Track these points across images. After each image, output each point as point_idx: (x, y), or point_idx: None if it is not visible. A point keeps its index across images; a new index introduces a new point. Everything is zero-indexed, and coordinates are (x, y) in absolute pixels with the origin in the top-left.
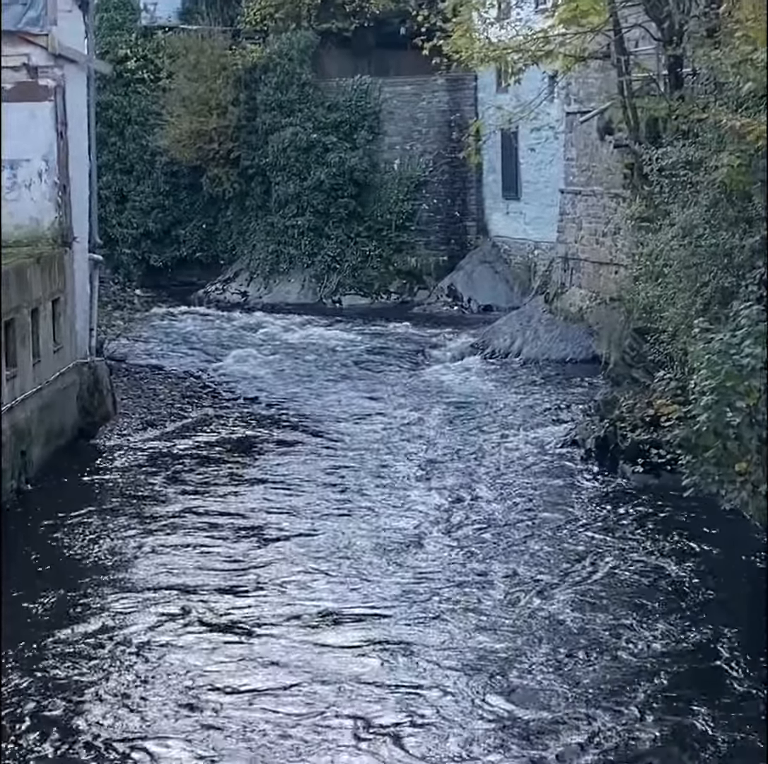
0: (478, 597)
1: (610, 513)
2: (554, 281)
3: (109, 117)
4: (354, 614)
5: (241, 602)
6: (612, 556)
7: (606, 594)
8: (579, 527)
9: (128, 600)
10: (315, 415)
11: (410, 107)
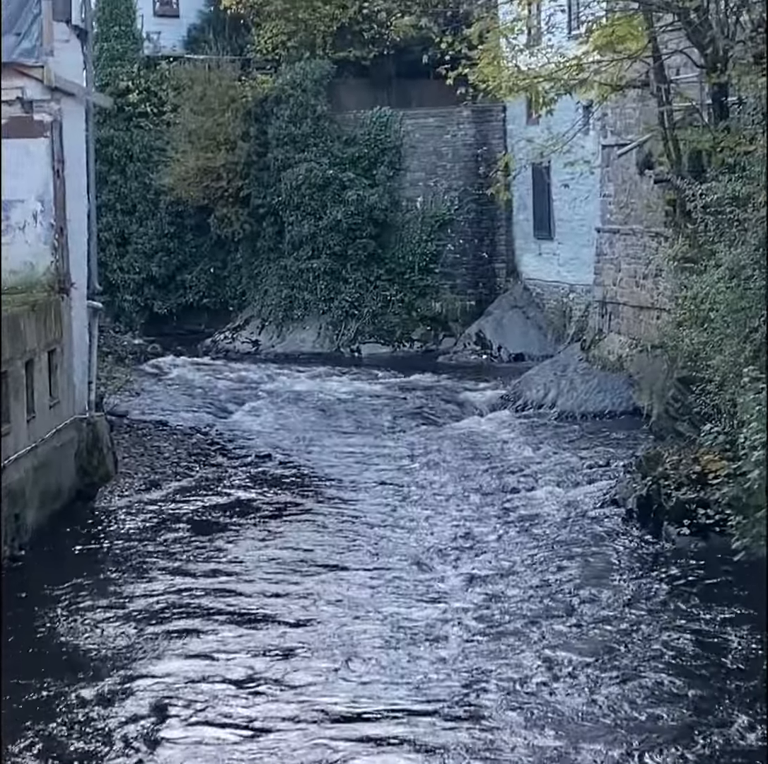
0: (508, 691)
1: (655, 580)
2: (591, 327)
3: (110, 154)
4: (366, 714)
5: (244, 697)
6: (662, 629)
7: (665, 675)
8: (622, 598)
9: (121, 689)
10: (330, 476)
11: (434, 141)
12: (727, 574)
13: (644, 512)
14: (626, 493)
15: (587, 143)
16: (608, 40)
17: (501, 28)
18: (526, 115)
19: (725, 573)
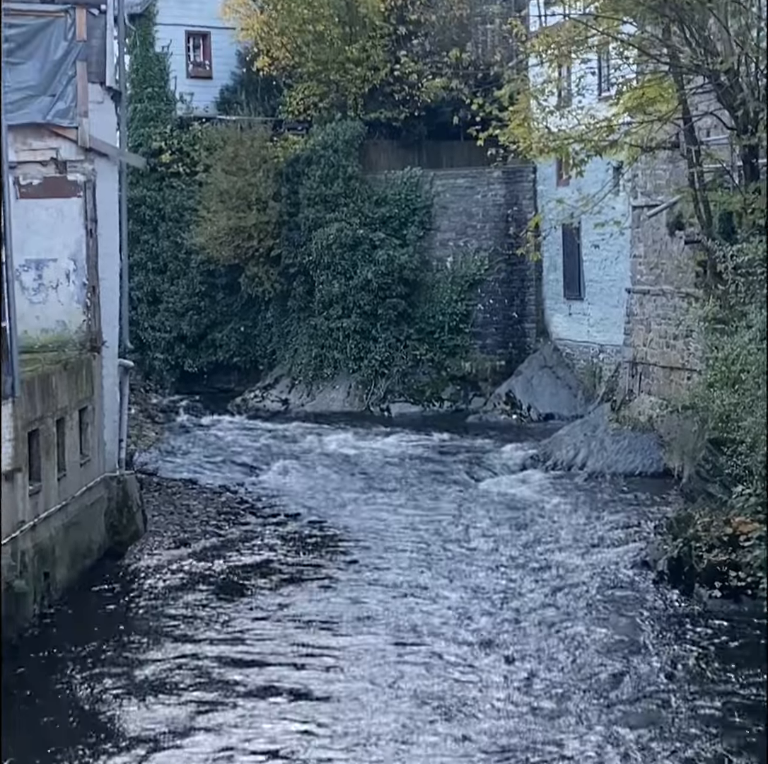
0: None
1: (687, 643)
2: (621, 388)
3: (142, 213)
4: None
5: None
6: (699, 695)
7: (717, 746)
8: (654, 662)
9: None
10: (360, 536)
11: (464, 201)
12: (759, 637)
13: (675, 574)
14: (657, 555)
15: (617, 204)
16: (638, 102)
17: (531, 90)
18: (557, 176)
19: (757, 636)
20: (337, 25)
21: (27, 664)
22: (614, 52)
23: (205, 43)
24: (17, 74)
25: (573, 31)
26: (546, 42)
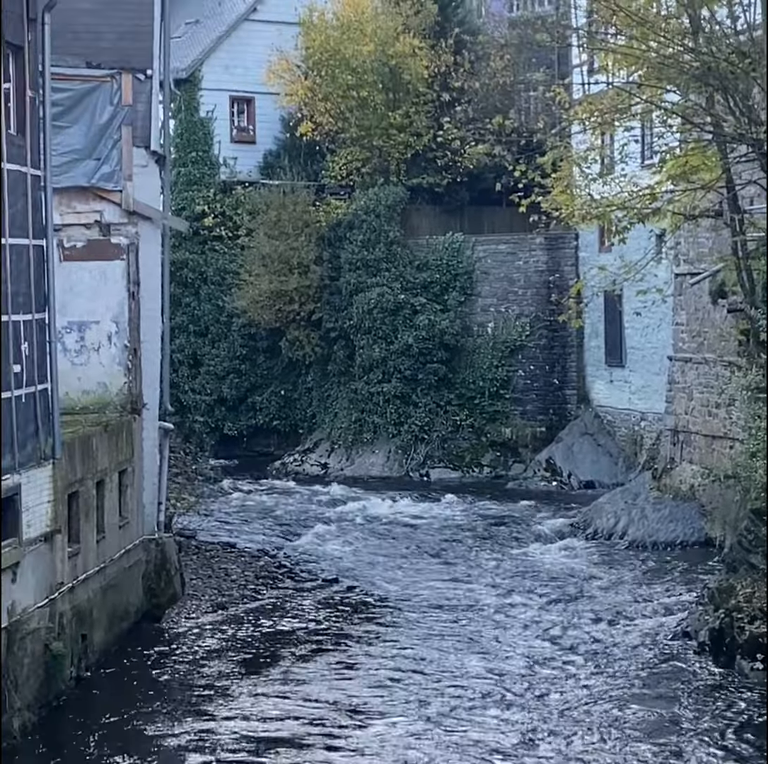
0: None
1: (726, 718)
2: (662, 456)
3: (184, 276)
4: None
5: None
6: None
7: None
8: (692, 736)
9: None
10: (398, 602)
11: (506, 267)
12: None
13: (717, 646)
14: (698, 625)
15: (660, 272)
16: (682, 170)
17: (574, 157)
18: (599, 243)
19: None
20: (380, 92)
21: (62, 727)
22: (657, 121)
23: (249, 108)
24: (63, 138)
25: (616, 99)
26: (589, 110)
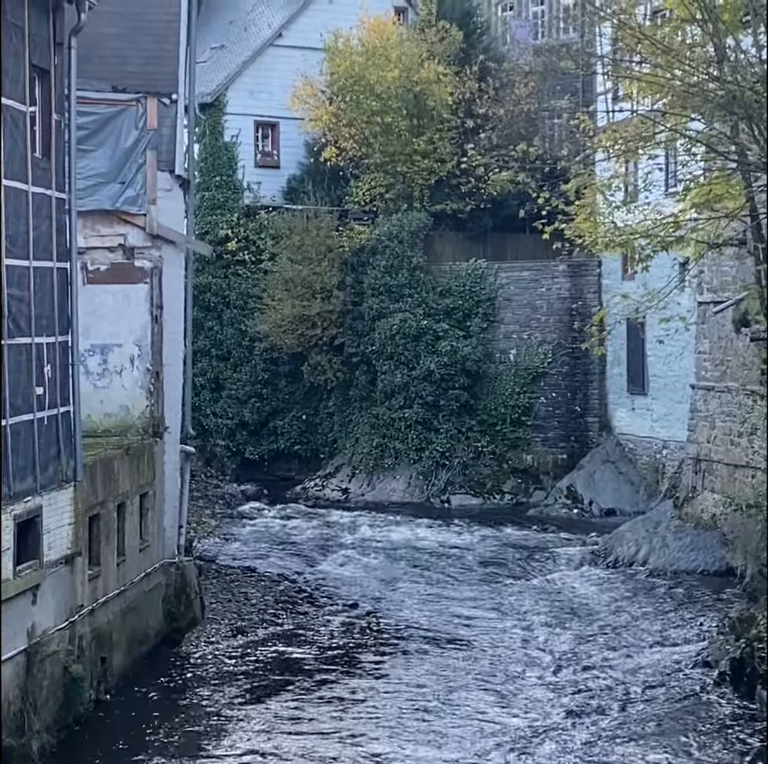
0: None
1: (744, 749)
2: (684, 484)
3: (207, 300)
4: None
5: None
6: None
7: None
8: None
9: None
10: (419, 628)
11: (528, 294)
12: None
13: (737, 676)
14: (719, 655)
15: (683, 300)
16: (705, 198)
17: (598, 185)
18: (622, 271)
19: None
20: (405, 118)
21: (81, 750)
22: (682, 149)
23: (273, 133)
24: (88, 161)
25: (640, 127)
26: (613, 137)
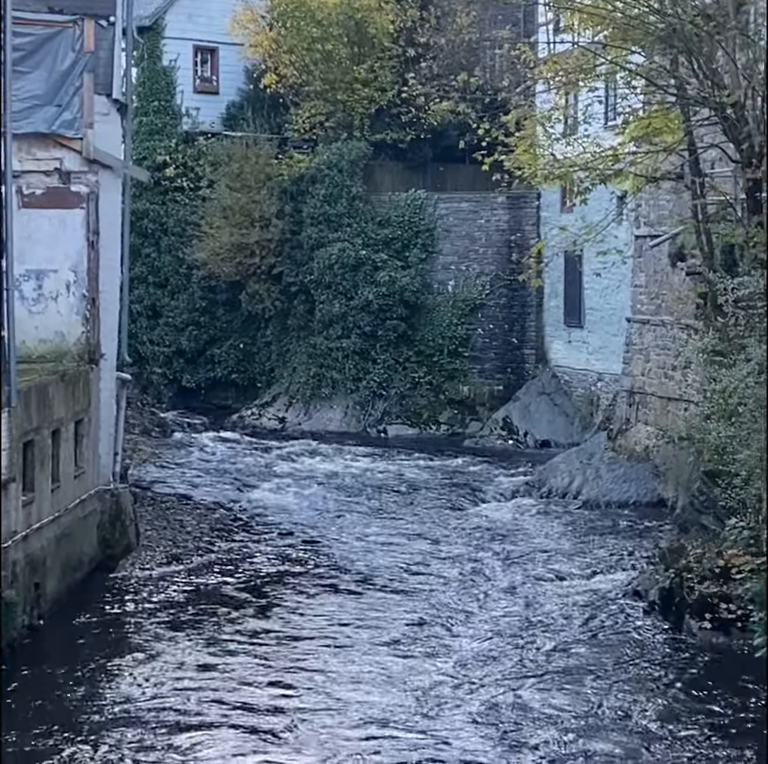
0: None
1: (670, 676)
2: (618, 417)
3: (144, 227)
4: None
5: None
6: (681, 725)
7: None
8: (634, 692)
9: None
10: (352, 556)
11: (467, 225)
12: (746, 672)
13: (666, 605)
14: (648, 585)
15: (620, 233)
16: (644, 132)
17: (538, 117)
18: (561, 203)
19: (744, 671)
20: (345, 45)
21: (13, 676)
22: (622, 82)
23: (212, 59)
24: (24, 83)
25: (581, 59)
26: (554, 69)
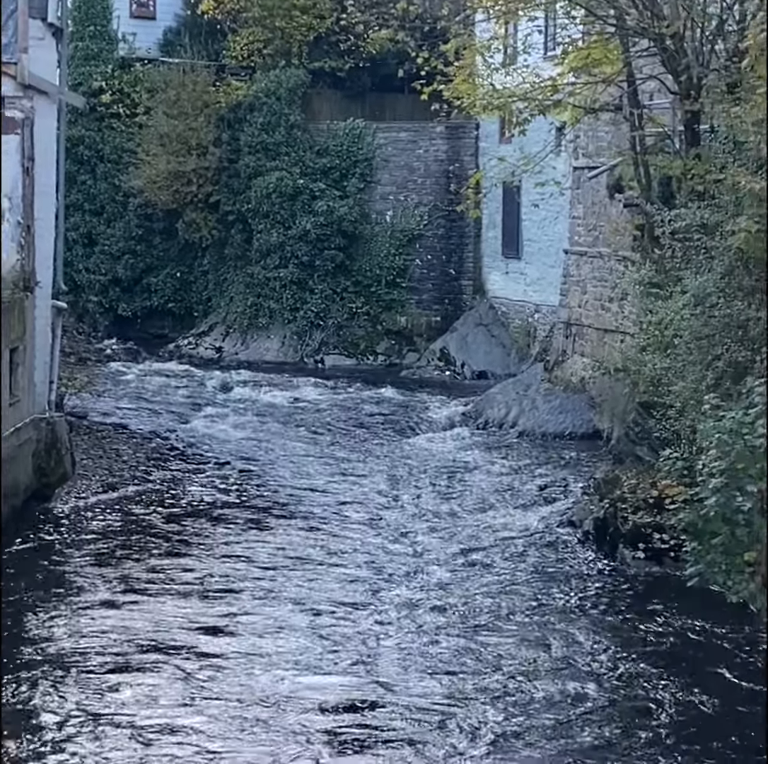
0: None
1: (603, 605)
2: (555, 348)
3: (80, 153)
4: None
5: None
6: (612, 649)
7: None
8: (565, 620)
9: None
10: (287, 484)
11: (406, 155)
12: (678, 601)
13: (600, 535)
14: (583, 515)
15: (558, 164)
16: (584, 62)
17: (477, 46)
18: (499, 134)
19: (676, 600)
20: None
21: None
22: (561, 11)
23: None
24: None
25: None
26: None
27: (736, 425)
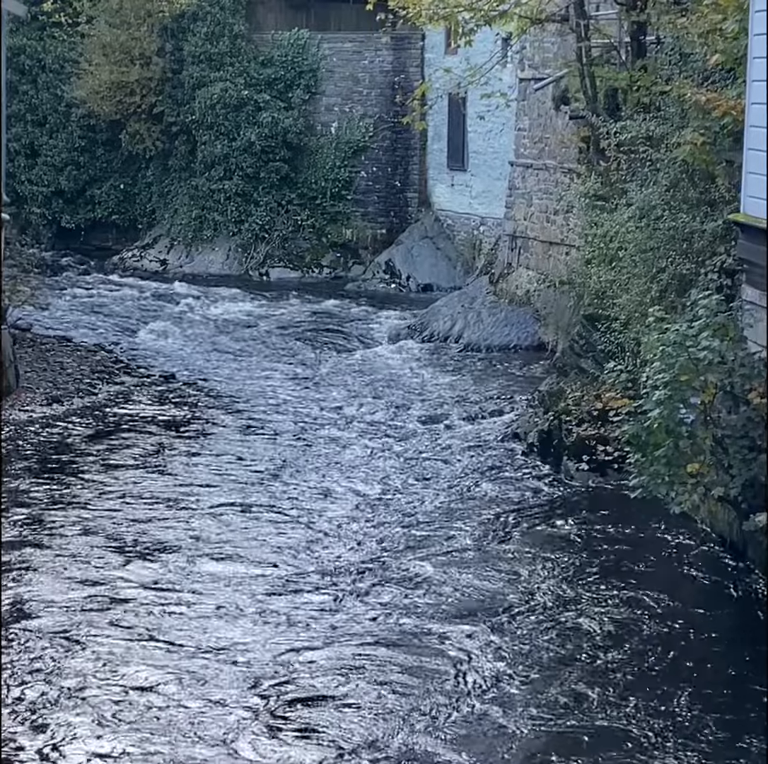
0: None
1: (546, 517)
2: (500, 261)
3: (21, 63)
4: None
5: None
6: (552, 560)
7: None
8: (507, 532)
9: None
10: (234, 397)
11: (351, 66)
12: (621, 512)
13: (545, 447)
14: (528, 427)
15: (504, 76)
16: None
17: None
18: (445, 45)
19: (619, 511)
20: None
21: None
22: None
23: None
24: None
25: None
26: None
27: (679, 337)
